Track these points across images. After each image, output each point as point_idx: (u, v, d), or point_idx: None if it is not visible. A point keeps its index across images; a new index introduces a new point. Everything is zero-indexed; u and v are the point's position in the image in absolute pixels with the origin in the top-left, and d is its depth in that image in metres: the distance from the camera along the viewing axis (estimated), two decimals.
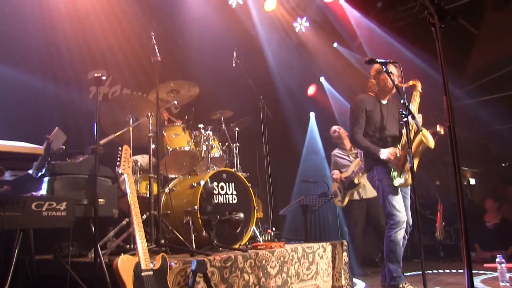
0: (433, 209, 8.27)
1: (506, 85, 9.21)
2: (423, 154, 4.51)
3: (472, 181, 12.55)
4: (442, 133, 4.39)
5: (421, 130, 4.09)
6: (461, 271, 6.39)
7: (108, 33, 6.46)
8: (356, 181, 6.46)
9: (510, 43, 8.73)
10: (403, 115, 3.92)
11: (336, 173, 6.67)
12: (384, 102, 4.84)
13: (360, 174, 6.34)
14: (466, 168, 12.35)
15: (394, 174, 4.49)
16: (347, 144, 6.94)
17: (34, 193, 3.37)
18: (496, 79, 9.35)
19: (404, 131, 4.36)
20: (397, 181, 4.47)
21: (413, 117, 3.98)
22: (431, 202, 8.51)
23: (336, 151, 7.01)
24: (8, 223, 2.82)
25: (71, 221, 3.11)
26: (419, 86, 4.55)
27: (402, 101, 3.98)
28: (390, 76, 4.21)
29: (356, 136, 4.71)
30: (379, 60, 4.24)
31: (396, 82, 4.36)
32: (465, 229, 2.05)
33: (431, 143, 4.29)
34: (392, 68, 4.53)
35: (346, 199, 6.57)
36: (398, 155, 4.42)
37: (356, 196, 6.61)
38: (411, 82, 4.53)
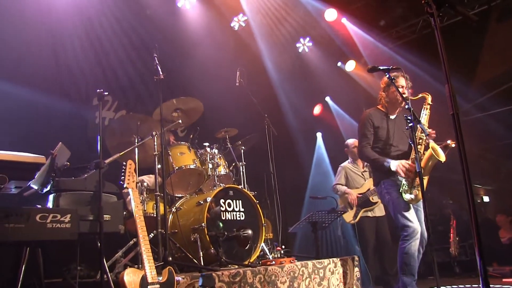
0: (446, 225, 8.12)
1: None
2: (434, 169, 4.41)
3: (486, 199, 12.35)
4: (453, 146, 4.29)
5: (427, 135, 4.03)
6: (476, 286, 6.25)
7: (112, 57, 6.57)
8: (372, 199, 6.40)
9: None
10: (408, 120, 3.87)
11: (351, 194, 6.55)
12: (393, 117, 4.78)
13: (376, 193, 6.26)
14: (479, 186, 12.17)
15: (404, 188, 4.37)
16: (360, 163, 6.89)
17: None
18: (505, 91, 9.30)
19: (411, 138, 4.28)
20: (407, 196, 4.35)
21: (419, 122, 3.94)
22: (444, 218, 8.36)
23: (348, 164, 6.94)
24: (12, 235, 2.82)
25: (75, 233, 3.09)
26: (428, 99, 4.47)
27: (406, 107, 3.95)
28: (394, 84, 4.21)
29: (364, 150, 4.66)
30: (381, 68, 4.22)
31: (406, 95, 4.34)
32: (478, 236, 1.97)
33: (442, 157, 4.20)
34: (401, 81, 4.51)
35: (359, 215, 6.48)
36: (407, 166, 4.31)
37: (368, 213, 6.52)
38: (420, 95, 4.46)
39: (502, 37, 8.57)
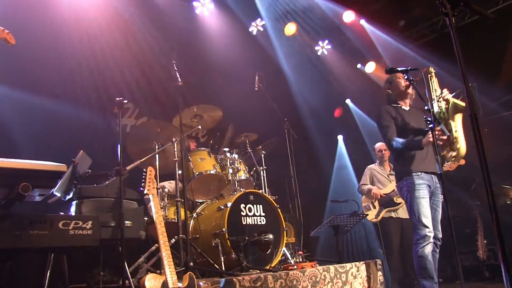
0: (473, 228, 7.95)
1: None
2: (459, 170, 4.26)
3: None
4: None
5: (448, 135, 3.95)
6: None
7: (133, 65, 6.68)
8: (396, 200, 6.36)
9: None
10: (428, 122, 3.82)
11: (375, 189, 6.56)
12: (406, 108, 4.70)
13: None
14: (508, 186, 11.89)
15: (443, 153, 4.22)
16: (387, 166, 6.86)
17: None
18: None
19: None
20: (450, 155, 4.19)
21: (439, 123, 3.88)
22: (471, 220, 8.20)
23: (375, 166, 6.94)
24: (36, 241, 2.90)
25: (97, 240, 3.15)
26: (431, 70, 4.36)
27: (426, 108, 3.90)
28: (412, 83, 4.16)
29: (392, 140, 4.50)
30: (399, 69, 4.19)
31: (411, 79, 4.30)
32: (501, 241, 1.94)
33: (463, 104, 4.08)
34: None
35: (381, 215, 6.45)
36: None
37: (392, 214, 6.47)
38: (419, 70, 4.28)
39: None
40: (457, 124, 4.15)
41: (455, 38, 2.13)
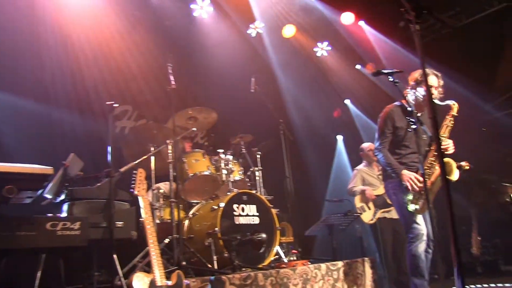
0: (468, 225, 8.01)
1: None
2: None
3: None
4: (468, 168, 4.15)
5: (430, 135, 4.01)
6: (500, 285, 6.19)
7: (132, 67, 6.78)
8: (389, 201, 6.41)
9: None
10: (411, 123, 3.87)
11: (369, 190, 6.59)
12: (419, 114, 4.40)
13: None
14: (508, 184, 11.87)
15: (410, 197, 4.22)
16: (375, 167, 6.90)
17: None
18: None
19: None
20: (412, 207, 4.20)
21: (422, 124, 3.93)
22: (466, 218, 8.24)
23: (364, 167, 6.97)
24: (24, 242, 3.00)
25: (85, 240, 3.25)
26: (455, 109, 4.22)
27: (409, 109, 3.95)
28: (397, 86, 4.12)
29: (381, 150, 4.49)
30: (384, 71, 4.19)
31: (435, 95, 4.23)
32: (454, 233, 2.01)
33: (454, 176, 4.07)
34: (433, 80, 4.34)
35: (377, 216, 6.50)
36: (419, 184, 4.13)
37: (386, 215, 6.53)
38: (447, 102, 4.22)
39: None
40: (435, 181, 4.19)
41: (419, 42, 2.21)
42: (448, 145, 4.24)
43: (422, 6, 2.25)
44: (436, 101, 4.19)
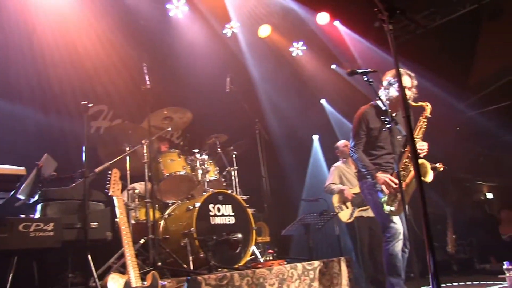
0: (443, 224, 8.15)
1: (509, 93, 9.18)
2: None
3: (490, 195, 12.29)
4: (441, 169, 4.13)
5: (405, 135, 4.05)
6: (476, 282, 6.31)
7: (108, 67, 6.69)
8: None
9: (509, 53, 8.75)
10: (386, 122, 3.91)
11: (347, 190, 6.62)
12: (394, 114, 4.42)
13: None
14: (482, 183, 12.14)
15: (385, 199, 4.24)
16: (352, 164, 6.95)
17: None
18: (499, 88, 9.33)
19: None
20: (387, 208, 4.22)
21: (396, 124, 3.98)
22: (441, 216, 8.39)
23: (342, 165, 7.01)
24: None
25: (59, 241, 3.20)
26: (428, 110, 4.26)
27: (383, 108, 3.99)
28: (371, 85, 4.16)
29: (356, 152, 4.48)
30: (359, 71, 4.21)
31: (409, 95, 4.27)
32: (427, 224, 2.05)
33: (429, 177, 4.07)
34: (406, 80, 4.38)
35: (355, 215, 6.55)
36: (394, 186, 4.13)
37: (363, 213, 6.58)
38: (420, 103, 4.27)
39: (494, 36, 8.61)
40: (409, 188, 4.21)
41: (392, 42, 2.25)
42: (423, 147, 4.29)
43: (395, 7, 2.26)
44: (410, 102, 4.24)
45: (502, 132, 9.61)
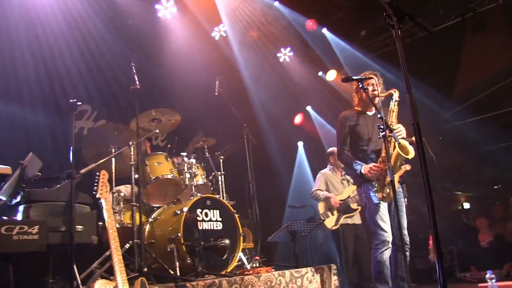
0: (425, 232, 8.17)
1: (492, 105, 9.32)
2: (414, 175, 4.39)
3: (467, 205, 12.44)
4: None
5: (399, 143, 4.04)
6: None
7: (92, 67, 6.58)
8: (353, 206, 6.45)
9: (492, 64, 8.89)
10: (380, 129, 3.92)
11: (333, 197, 6.59)
12: (370, 113, 4.72)
13: (358, 199, 6.29)
14: (460, 193, 12.28)
15: (376, 188, 4.33)
16: (339, 172, 6.94)
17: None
18: (483, 99, 9.46)
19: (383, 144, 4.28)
20: (379, 195, 4.31)
21: (391, 131, 3.98)
22: (424, 225, 8.42)
23: (329, 172, 6.98)
24: None
25: (44, 245, 3.05)
26: (395, 95, 4.40)
27: (379, 116, 4.00)
28: (366, 92, 4.25)
29: (341, 153, 4.67)
30: (355, 78, 4.27)
31: (376, 93, 4.39)
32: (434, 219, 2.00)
33: (411, 153, 4.14)
34: (372, 81, 4.53)
35: (340, 222, 6.52)
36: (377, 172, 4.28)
37: (348, 221, 6.56)
38: (387, 92, 4.43)
39: (478, 49, 8.74)
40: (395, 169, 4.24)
41: (401, 48, 2.20)
42: (399, 128, 4.38)
43: (404, 12, 2.22)
44: (381, 95, 4.41)
45: (481, 143, 9.75)
